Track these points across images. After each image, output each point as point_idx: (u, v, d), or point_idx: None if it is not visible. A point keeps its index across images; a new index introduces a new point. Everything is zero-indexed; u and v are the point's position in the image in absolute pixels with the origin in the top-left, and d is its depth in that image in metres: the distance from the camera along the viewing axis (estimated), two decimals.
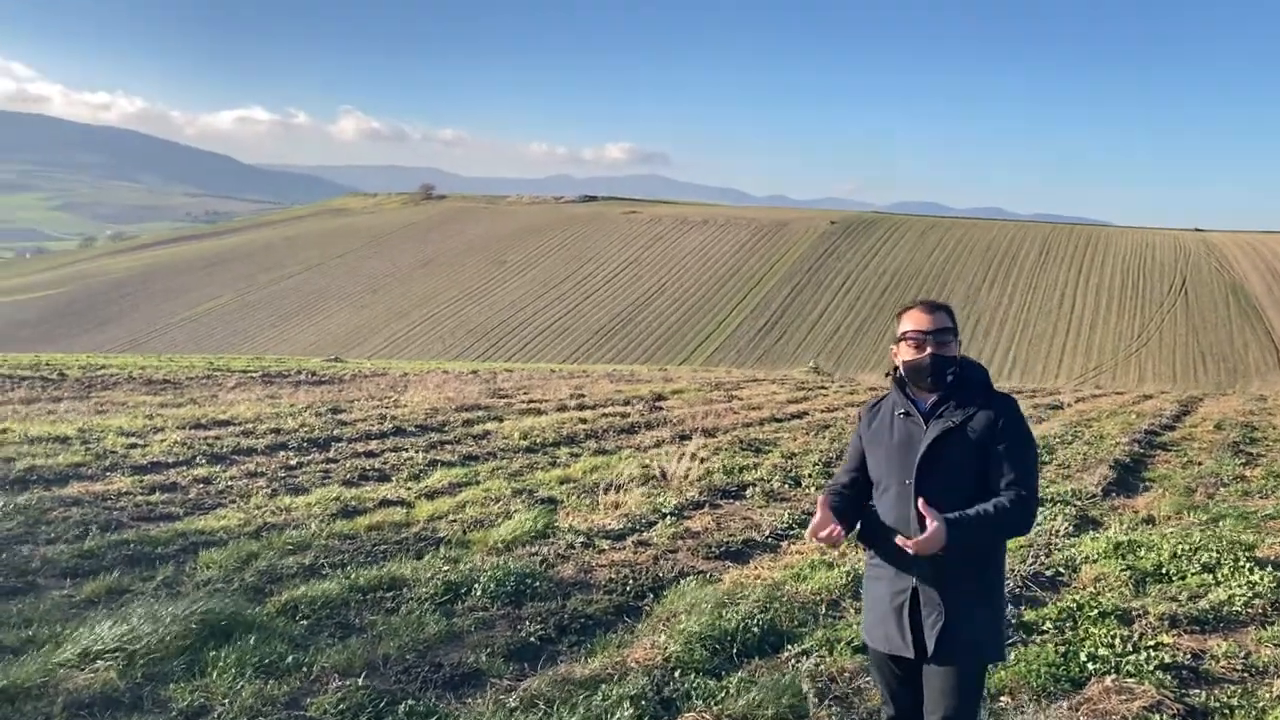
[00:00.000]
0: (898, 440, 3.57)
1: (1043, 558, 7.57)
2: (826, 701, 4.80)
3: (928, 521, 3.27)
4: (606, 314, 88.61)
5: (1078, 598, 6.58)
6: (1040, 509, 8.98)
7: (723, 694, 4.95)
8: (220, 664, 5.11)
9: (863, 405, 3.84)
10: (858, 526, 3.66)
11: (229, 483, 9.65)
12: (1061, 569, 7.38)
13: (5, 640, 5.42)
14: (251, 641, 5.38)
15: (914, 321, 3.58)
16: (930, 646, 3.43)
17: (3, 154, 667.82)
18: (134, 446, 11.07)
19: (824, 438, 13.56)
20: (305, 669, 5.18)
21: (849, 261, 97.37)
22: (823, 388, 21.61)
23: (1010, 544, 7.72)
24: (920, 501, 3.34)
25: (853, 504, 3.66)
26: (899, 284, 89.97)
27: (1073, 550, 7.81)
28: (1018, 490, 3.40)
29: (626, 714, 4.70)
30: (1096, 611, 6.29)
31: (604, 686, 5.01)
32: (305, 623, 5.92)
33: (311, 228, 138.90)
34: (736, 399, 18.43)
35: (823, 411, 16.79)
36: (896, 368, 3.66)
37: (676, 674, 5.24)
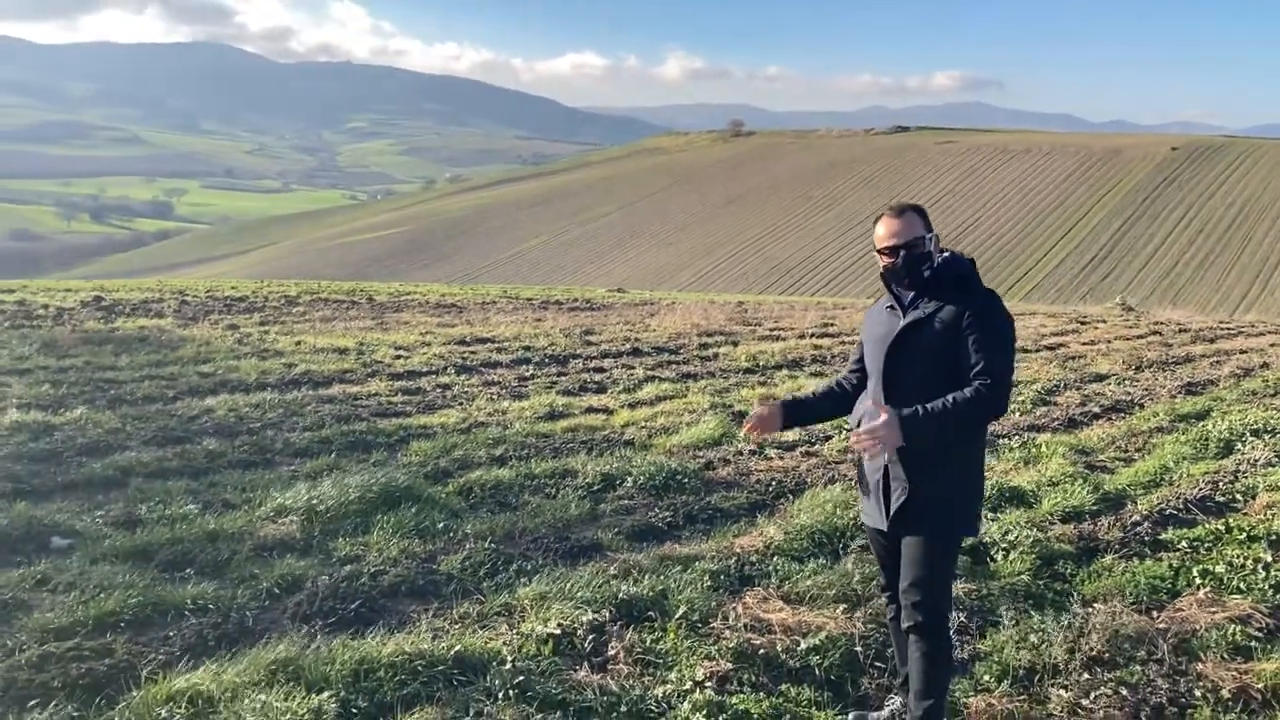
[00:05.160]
0: (881, 332, 3.78)
1: (1222, 485, 7.17)
2: (874, 585, 4.99)
3: (880, 414, 3.47)
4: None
5: (1234, 522, 6.28)
6: (1245, 441, 8.44)
7: (796, 575, 5.28)
8: (381, 525, 6.01)
9: None
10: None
11: (465, 389, 10.77)
12: (1238, 496, 6.98)
13: (231, 499, 6.62)
14: (414, 510, 6.26)
15: (884, 229, 3.75)
16: (891, 517, 3.67)
17: (362, 105, 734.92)
18: (399, 358, 12.51)
19: (1066, 368, 13.05)
20: (450, 534, 5.99)
21: (1190, 191, 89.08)
22: (1102, 321, 20.43)
23: (1194, 470, 7.42)
24: (873, 402, 3.59)
25: (830, 398, 4.10)
26: (1248, 216, 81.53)
27: (1260, 478, 7.32)
28: (980, 379, 3.52)
29: (705, 584, 5.16)
30: (1245, 535, 6.01)
31: (698, 563, 5.47)
32: (471, 500, 6.76)
33: (626, 168, 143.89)
34: None
35: (1082, 344, 16.02)
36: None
37: (774, 558, 5.61)
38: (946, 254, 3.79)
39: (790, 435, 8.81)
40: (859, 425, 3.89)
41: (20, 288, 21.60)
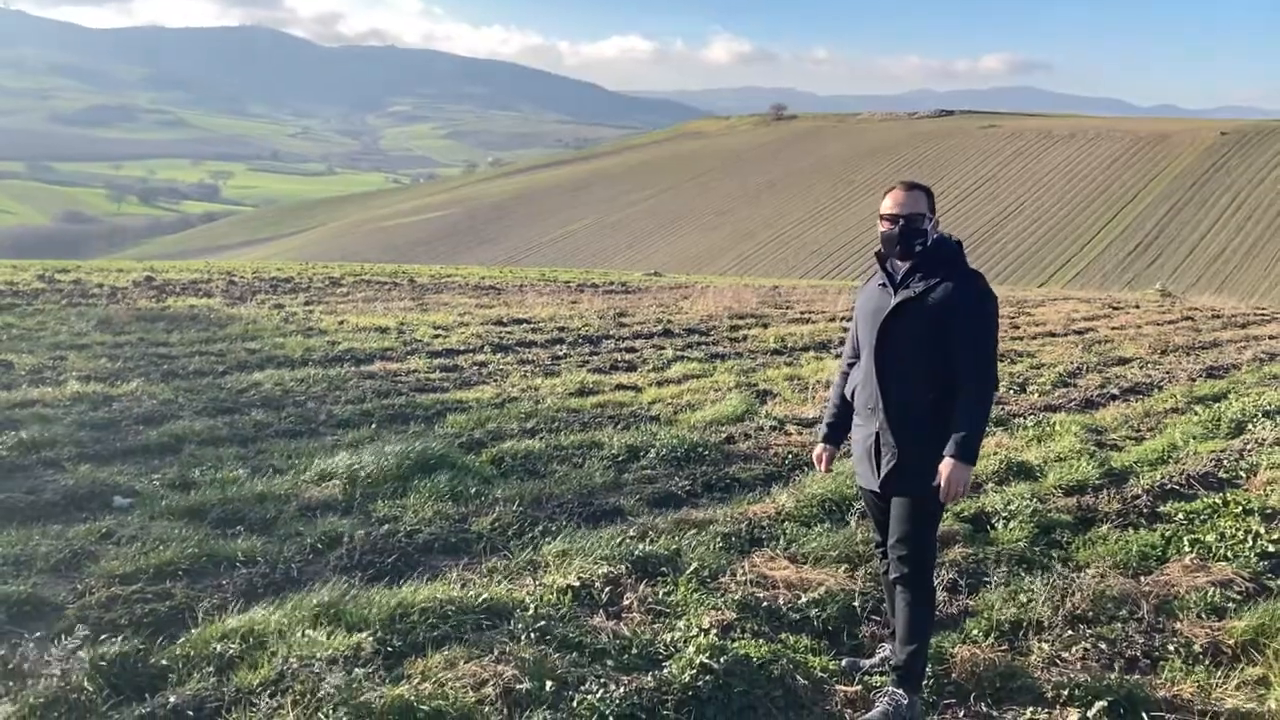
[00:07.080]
0: (872, 309, 4.11)
1: (1226, 462, 7.41)
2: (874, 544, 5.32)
3: (941, 472, 3.84)
4: (957, 235, 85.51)
5: (1232, 496, 6.52)
6: (1257, 422, 8.66)
7: (804, 538, 5.63)
8: (417, 489, 6.42)
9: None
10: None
11: (500, 366, 11.18)
12: (1241, 472, 7.22)
13: (278, 465, 7.07)
14: (448, 476, 6.66)
15: (891, 199, 4.07)
16: (881, 479, 4.01)
17: (404, 88, 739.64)
18: (438, 337, 12.96)
19: (1091, 352, 13.23)
20: (482, 498, 6.39)
21: (1240, 177, 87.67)
22: (1135, 307, 20.48)
23: (1201, 448, 7.67)
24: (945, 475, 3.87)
25: (850, 406, 4.35)
26: None
27: (1265, 457, 7.54)
28: (969, 378, 3.89)
29: (716, 545, 5.53)
30: (1241, 508, 6.25)
31: (712, 526, 5.84)
32: (503, 468, 7.15)
33: (667, 152, 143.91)
34: (1026, 315, 18.04)
35: (1112, 329, 16.15)
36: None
37: (784, 523, 5.95)
38: (937, 235, 4.11)
39: (811, 411, 9.14)
40: (852, 396, 4.25)
41: (75, 268, 22.34)
